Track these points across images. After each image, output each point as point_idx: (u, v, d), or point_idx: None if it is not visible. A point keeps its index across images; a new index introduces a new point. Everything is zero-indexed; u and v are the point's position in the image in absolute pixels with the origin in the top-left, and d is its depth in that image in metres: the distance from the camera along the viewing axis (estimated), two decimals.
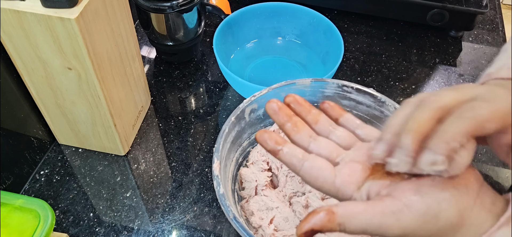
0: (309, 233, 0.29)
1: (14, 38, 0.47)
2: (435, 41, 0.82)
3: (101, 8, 0.48)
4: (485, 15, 0.87)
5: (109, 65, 0.52)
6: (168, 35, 0.70)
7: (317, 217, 0.29)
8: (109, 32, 0.51)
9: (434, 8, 0.77)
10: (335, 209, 0.29)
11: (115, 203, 0.57)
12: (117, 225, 0.55)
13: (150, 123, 0.67)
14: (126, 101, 0.59)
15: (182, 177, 0.60)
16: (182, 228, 0.55)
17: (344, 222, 0.28)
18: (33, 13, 0.43)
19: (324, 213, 0.29)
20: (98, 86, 0.51)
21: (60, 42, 0.46)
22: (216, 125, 0.67)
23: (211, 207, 0.57)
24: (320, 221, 0.28)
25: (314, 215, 0.29)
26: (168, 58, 0.76)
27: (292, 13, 0.75)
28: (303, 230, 0.29)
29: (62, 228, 0.55)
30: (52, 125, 0.60)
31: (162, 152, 0.63)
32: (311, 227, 0.29)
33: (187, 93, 0.71)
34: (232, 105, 0.69)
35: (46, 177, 0.60)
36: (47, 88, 0.53)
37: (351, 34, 0.83)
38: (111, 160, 0.62)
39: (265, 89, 0.54)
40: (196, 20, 0.71)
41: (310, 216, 0.29)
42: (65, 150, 0.63)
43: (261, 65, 0.74)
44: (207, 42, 0.81)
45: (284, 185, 0.54)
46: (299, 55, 0.76)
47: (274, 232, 0.49)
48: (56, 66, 0.49)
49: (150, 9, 0.66)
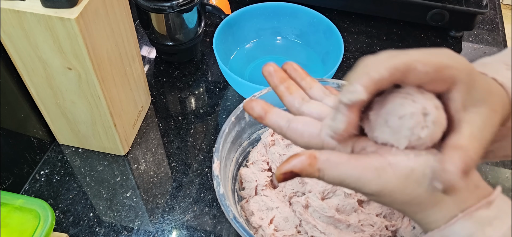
0: (288, 174, 0.29)
1: (14, 38, 0.47)
2: (435, 41, 0.82)
3: (101, 8, 0.48)
4: (485, 15, 0.87)
5: (109, 65, 0.52)
6: (168, 35, 0.70)
7: (299, 159, 0.28)
8: (109, 32, 0.51)
9: (434, 8, 0.77)
10: (317, 154, 0.28)
11: (115, 203, 0.57)
12: (117, 225, 0.55)
13: (150, 123, 0.67)
14: (126, 101, 0.59)
15: (182, 177, 0.60)
16: (182, 228, 0.55)
17: (324, 169, 0.28)
18: (33, 13, 0.43)
19: (306, 156, 0.28)
20: (98, 86, 0.51)
21: (60, 42, 0.46)
22: (216, 125, 0.67)
23: (211, 207, 0.57)
24: (301, 164, 0.28)
25: (295, 157, 0.28)
26: (168, 58, 0.76)
27: (292, 13, 0.75)
28: (282, 170, 0.29)
29: (62, 228, 0.55)
30: (52, 125, 0.60)
31: (162, 152, 0.63)
32: (291, 168, 0.28)
33: (187, 93, 0.71)
34: (232, 105, 0.69)
35: (46, 177, 0.60)
36: (47, 88, 0.53)
37: (351, 34, 0.83)
38: (111, 160, 0.62)
39: (265, 89, 0.54)
40: (196, 20, 0.71)
41: (291, 158, 0.29)
42: (65, 150, 0.63)
43: (261, 65, 0.74)
44: (207, 42, 0.81)
45: (284, 185, 0.54)
46: (299, 55, 0.76)
47: (274, 232, 0.49)
48: (56, 66, 0.49)
49: (150, 9, 0.66)
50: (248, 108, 0.34)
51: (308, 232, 0.49)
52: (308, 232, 0.49)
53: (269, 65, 0.36)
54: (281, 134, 0.32)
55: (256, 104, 0.33)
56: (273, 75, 0.35)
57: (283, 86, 0.35)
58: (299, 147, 0.34)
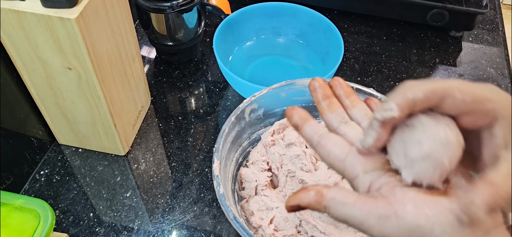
0: (295, 207, 0.30)
1: (14, 38, 0.47)
2: (435, 41, 0.82)
3: (101, 8, 0.48)
4: (485, 15, 0.87)
5: (109, 65, 0.52)
6: (168, 35, 0.70)
7: (306, 194, 0.29)
8: (109, 32, 0.51)
9: (434, 8, 0.77)
10: (325, 191, 0.29)
11: (115, 203, 0.57)
12: (117, 225, 0.55)
13: (150, 123, 0.67)
14: (126, 101, 0.59)
15: (182, 177, 0.60)
16: (182, 228, 0.55)
17: (330, 207, 0.29)
18: (33, 13, 0.43)
19: (314, 193, 0.29)
20: (98, 86, 0.51)
21: (60, 42, 0.46)
22: (216, 125, 0.67)
23: (211, 207, 0.57)
24: (308, 200, 0.29)
25: (304, 192, 0.29)
26: (168, 58, 0.76)
27: (292, 13, 0.75)
28: (290, 203, 0.30)
29: (62, 228, 0.55)
30: (52, 125, 0.60)
31: (162, 152, 0.63)
32: (299, 203, 0.29)
33: (187, 93, 0.71)
34: (232, 105, 0.69)
35: (46, 177, 0.60)
36: (47, 88, 0.53)
37: (351, 34, 0.83)
38: (111, 160, 0.62)
39: (265, 89, 0.54)
40: (196, 20, 0.71)
41: (301, 192, 0.30)
42: (65, 150, 0.63)
43: (261, 65, 0.74)
44: (207, 42, 0.81)
45: (284, 185, 0.54)
46: (299, 55, 0.76)
47: (274, 232, 0.49)
48: (56, 66, 0.49)
49: (150, 9, 0.66)
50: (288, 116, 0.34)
51: (308, 232, 0.49)
52: (308, 232, 0.49)
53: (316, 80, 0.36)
54: (312, 146, 0.32)
55: (296, 113, 0.33)
56: (318, 90, 0.35)
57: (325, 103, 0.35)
58: (297, 148, 0.34)
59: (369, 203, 0.28)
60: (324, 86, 0.35)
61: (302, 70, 0.73)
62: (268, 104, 0.56)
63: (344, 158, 0.30)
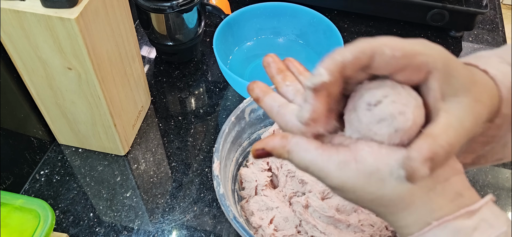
0: (260, 151, 0.30)
1: (14, 38, 0.47)
2: (435, 41, 0.82)
3: (101, 8, 0.48)
4: (485, 15, 0.87)
5: (109, 65, 0.52)
6: (168, 35, 0.70)
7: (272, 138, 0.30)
8: (109, 32, 0.51)
9: (434, 8, 0.77)
10: (290, 136, 0.29)
11: (115, 203, 0.57)
12: (117, 225, 0.55)
13: (150, 123, 0.67)
14: (126, 101, 0.59)
15: (182, 177, 0.60)
16: (182, 228, 0.55)
17: (292, 151, 0.29)
18: (33, 13, 0.43)
19: (279, 137, 0.29)
20: (98, 86, 0.51)
21: (60, 42, 0.46)
22: (216, 125, 0.67)
23: (211, 207, 0.57)
24: (273, 143, 0.29)
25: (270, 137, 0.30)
26: (168, 58, 0.76)
27: (292, 13, 0.75)
28: (256, 147, 0.30)
29: (62, 228, 0.55)
30: (52, 125, 0.60)
31: (162, 152, 0.63)
32: (264, 146, 0.30)
33: (187, 93, 0.71)
34: (232, 105, 0.69)
35: (46, 177, 0.60)
36: (47, 88, 0.53)
37: (351, 34, 0.83)
38: (111, 160, 0.62)
39: None
40: (196, 20, 0.71)
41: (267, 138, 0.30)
42: (65, 150, 0.63)
43: (261, 65, 0.74)
44: (207, 42, 0.81)
45: (284, 185, 0.54)
46: (299, 55, 0.76)
47: (274, 232, 0.49)
48: (56, 66, 0.49)
49: (150, 9, 0.66)
50: (250, 89, 0.34)
51: (308, 232, 0.49)
52: (308, 232, 0.49)
53: (269, 55, 0.36)
54: (272, 117, 0.33)
55: (256, 86, 0.34)
56: (272, 65, 0.36)
57: (280, 77, 0.35)
58: None
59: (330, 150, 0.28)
60: (278, 61, 0.36)
61: None
62: None
63: None
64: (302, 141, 0.29)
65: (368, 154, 0.26)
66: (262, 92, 0.34)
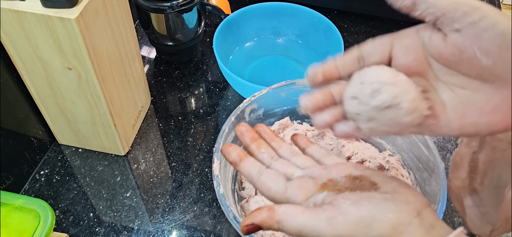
0: (250, 226, 0.31)
1: (14, 38, 0.47)
2: None
3: (101, 8, 0.48)
4: None
5: (109, 65, 0.52)
6: (168, 35, 0.70)
7: (259, 212, 0.31)
8: (109, 32, 0.51)
9: None
10: (276, 207, 0.31)
11: (115, 203, 0.57)
12: (117, 225, 0.55)
13: (150, 123, 0.67)
14: (126, 101, 0.59)
15: (182, 177, 0.60)
16: (182, 228, 0.55)
17: (282, 220, 0.30)
18: (33, 13, 0.43)
19: (266, 210, 0.31)
20: (98, 86, 0.51)
21: (60, 42, 0.46)
22: (216, 125, 0.67)
23: (211, 207, 0.57)
24: (261, 217, 0.31)
25: (257, 211, 0.31)
26: (168, 58, 0.76)
27: (292, 13, 0.75)
28: (245, 223, 0.32)
29: (62, 228, 0.55)
30: (52, 125, 0.60)
31: (162, 152, 0.63)
32: (252, 221, 0.31)
33: (187, 93, 0.71)
34: (232, 105, 0.70)
35: (46, 177, 0.60)
36: (47, 88, 0.53)
37: (351, 34, 0.83)
38: (111, 160, 0.62)
39: (265, 89, 0.54)
40: (196, 20, 0.71)
41: (254, 211, 0.32)
42: (65, 150, 0.63)
43: (261, 65, 0.74)
44: (207, 42, 0.81)
45: None
46: (299, 55, 0.76)
47: (274, 232, 0.49)
48: (56, 66, 0.49)
49: (150, 9, 0.66)
50: (225, 153, 0.36)
51: None
52: None
53: (241, 125, 0.39)
54: (252, 183, 0.35)
55: (233, 150, 0.36)
56: (245, 134, 0.38)
57: (254, 145, 0.37)
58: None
59: (316, 210, 0.30)
60: (250, 130, 0.39)
61: (302, 70, 0.73)
62: (268, 104, 0.56)
63: (284, 191, 0.33)
64: (289, 209, 0.31)
65: (349, 205, 0.29)
66: (239, 157, 0.36)
